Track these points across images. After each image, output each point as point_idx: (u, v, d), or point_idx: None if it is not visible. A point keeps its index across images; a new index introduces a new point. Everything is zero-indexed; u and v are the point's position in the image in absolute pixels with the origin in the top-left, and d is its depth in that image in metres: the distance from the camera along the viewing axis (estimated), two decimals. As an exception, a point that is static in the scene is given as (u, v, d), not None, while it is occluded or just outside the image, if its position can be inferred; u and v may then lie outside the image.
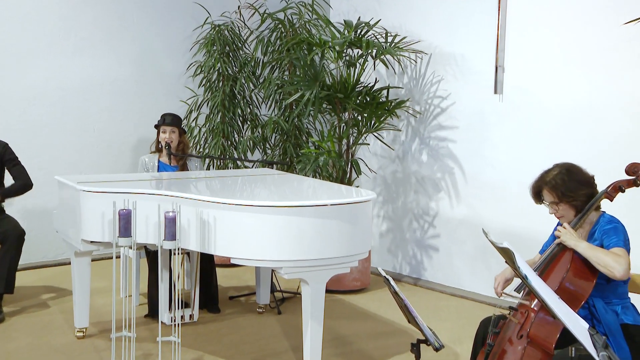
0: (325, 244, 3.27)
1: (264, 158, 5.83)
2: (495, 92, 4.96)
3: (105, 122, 6.01)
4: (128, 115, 6.12)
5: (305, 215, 3.23)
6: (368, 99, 5.23)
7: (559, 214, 2.78)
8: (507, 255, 2.38)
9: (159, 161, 4.66)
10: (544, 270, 2.70)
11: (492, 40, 4.93)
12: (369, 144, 5.63)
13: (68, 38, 5.77)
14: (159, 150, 4.69)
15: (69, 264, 4.73)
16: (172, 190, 3.62)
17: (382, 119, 5.19)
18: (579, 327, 2.17)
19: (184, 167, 4.67)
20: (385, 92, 5.43)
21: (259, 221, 3.23)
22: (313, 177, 5.44)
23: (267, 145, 5.88)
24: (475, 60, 5.09)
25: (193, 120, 5.91)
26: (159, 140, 4.66)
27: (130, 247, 3.51)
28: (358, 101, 5.20)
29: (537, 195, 2.82)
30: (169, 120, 4.64)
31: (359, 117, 5.27)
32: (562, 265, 2.64)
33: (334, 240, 3.29)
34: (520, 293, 2.73)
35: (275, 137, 5.89)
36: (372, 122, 5.19)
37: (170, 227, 3.37)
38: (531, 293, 2.60)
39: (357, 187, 5.33)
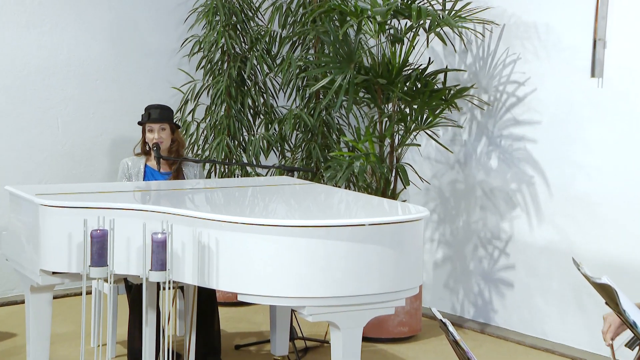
0: (361, 277, 3.27)
1: (282, 163, 5.84)
2: (593, 75, 4.92)
3: (73, 115, 6.08)
4: (103, 107, 6.19)
5: (335, 239, 3.23)
6: (419, 86, 5.22)
7: None
8: (608, 294, 2.35)
9: (145, 166, 4.70)
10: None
11: (590, 5, 4.90)
12: (419, 145, 5.62)
13: (22, 3, 5.85)
14: (145, 152, 4.72)
15: (23, 302, 4.77)
16: (162, 204, 3.64)
17: (437, 112, 5.18)
18: None
19: (178, 174, 4.70)
20: (442, 76, 5.42)
21: (275, 246, 3.23)
22: (346, 188, 5.43)
23: (286, 147, 5.90)
24: (565, 32, 5.07)
25: (189, 114, 5.95)
26: (146, 140, 4.69)
27: (106, 280, 3.53)
28: (406, 88, 5.20)
29: None
30: (156, 115, 4.67)
31: (407, 110, 5.26)
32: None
33: (374, 272, 3.29)
34: (635, 350, 2.64)
35: (297, 135, 5.91)
36: (425, 117, 5.18)
37: (159, 253, 3.39)
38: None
39: (404, 201, 5.31)
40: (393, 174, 5.25)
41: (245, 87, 5.93)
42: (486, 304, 5.58)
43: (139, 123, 4.74)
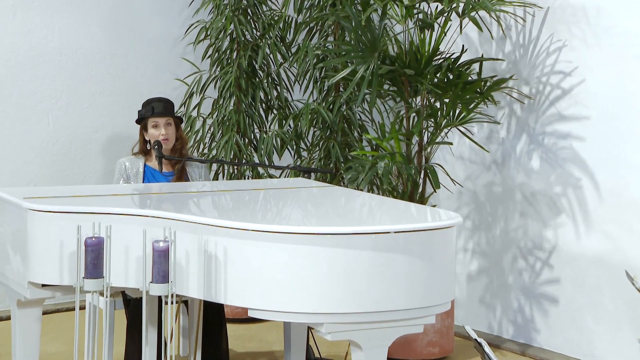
0: (386, 291, 3.27)
1: (298, 163, 5.85)
2: (651, 64, 4.91)
3: (65, 109, 6.11)
4: (98, 101, 6.22)
5: (357, 248, 3.23)
6: (451, 77, 5.22)
7: None
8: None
9: (145, 166, 4.72)
10: None
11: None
12: (451, 144, 5.61)
13: (11, -13, 5.90)
14: (144, 151, 4.74)
15: (8, 318, 4.77)
16: (163, 209, 3.65)
17: (472, 106, 5.17)
18: None
19: (181, 176, 4.72)
20: (476, 66, 5.41)
21: (290, 256, 3.24)
22: (369, 191, 5.42)
23: (302, 145, 5.90)
24: (617, 15, 5.05)
25: (194, 109, 5.97)
26: (146, 138, 4.70)
27: (101, 294, 3.54)
28: (436, 80, 5.20)
29: None
30: (161, 108, 4.68)
31: (438, 104, 5.26)
32: None
33: (400, 285, 3.29)
34: None
35: (314, 132, 5.92)
36: (457, 112, 5.18)
37: (161, 263, 3.40)
38: None
39: (434, 206, 5.29)
40: (422, 176, 5.24)
41: (257, 79, 5.94)
42: (527, 323, 5.56)
43: (138, 120, 4.74)
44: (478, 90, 5.20)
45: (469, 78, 5.23)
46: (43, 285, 3.73)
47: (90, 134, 6.18)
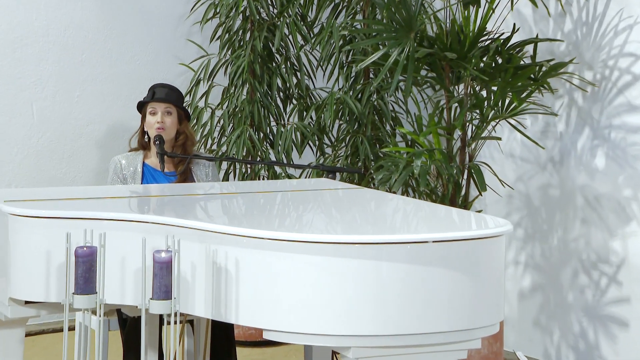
0: (424, 310, 3.27)
1: (321, 162, 5.86)
2: None
3: (52, 99, 6.14)
4: (91, 89, 6.24)
5: (390, 260, 3.23)
6: (500, 61, 5.22)
7: None
8: None
9: (144, 165, 4.75)
10: None
11: None
12: (500, 139, 5.61)
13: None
14: (143, 145, 4.77)
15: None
16: (166, 214, 3.66)
17: (524, 95, 5.17)
18: None
19: (185, 176, 4.74)
20: (530, 48, 5.41)
21: (312, 268, 3.24)
22: (403, 194, 5.43)
23: (326, 141, 5.91)
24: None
25: (201, 98, 5.99)
26: (144, 128, 4.74)
27: (94, 312, 3.56)
28: (482, 65, 5.20)
29: None
30: (162, 94, 4.70)
31: (484, 93, 5.26)
32: None
33: (440, 304, 3.29)
34: None
35: (340, 126, 5.92)
36: (507, 102, 5.18)
37: (163, 277, 3.41)
38: None
39: (480, 211, 5.29)
40: (465, 177, 5.24)
41: (274, 64, 5.96)
42: (591, 348, 5.55)
43: (140, 105, 4.76)
44: (532, 76, 5.20)
45: (521, 62, 5.22)
46: (26, 302, 3.74)
47: (81, 128, 6.21)
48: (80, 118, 6.20)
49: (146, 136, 4.74)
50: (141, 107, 4.76)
